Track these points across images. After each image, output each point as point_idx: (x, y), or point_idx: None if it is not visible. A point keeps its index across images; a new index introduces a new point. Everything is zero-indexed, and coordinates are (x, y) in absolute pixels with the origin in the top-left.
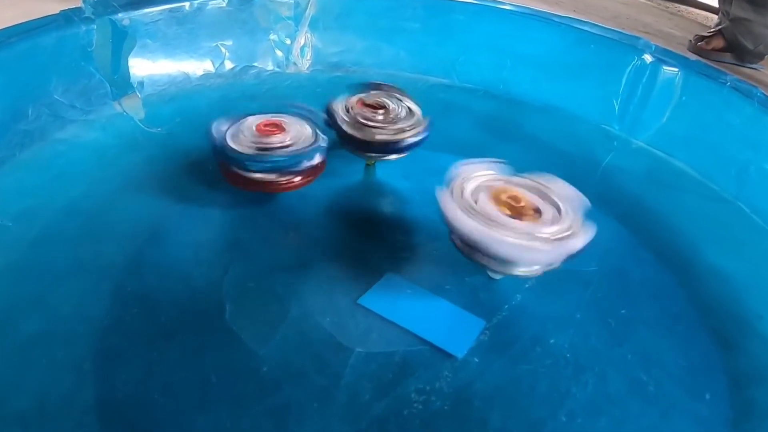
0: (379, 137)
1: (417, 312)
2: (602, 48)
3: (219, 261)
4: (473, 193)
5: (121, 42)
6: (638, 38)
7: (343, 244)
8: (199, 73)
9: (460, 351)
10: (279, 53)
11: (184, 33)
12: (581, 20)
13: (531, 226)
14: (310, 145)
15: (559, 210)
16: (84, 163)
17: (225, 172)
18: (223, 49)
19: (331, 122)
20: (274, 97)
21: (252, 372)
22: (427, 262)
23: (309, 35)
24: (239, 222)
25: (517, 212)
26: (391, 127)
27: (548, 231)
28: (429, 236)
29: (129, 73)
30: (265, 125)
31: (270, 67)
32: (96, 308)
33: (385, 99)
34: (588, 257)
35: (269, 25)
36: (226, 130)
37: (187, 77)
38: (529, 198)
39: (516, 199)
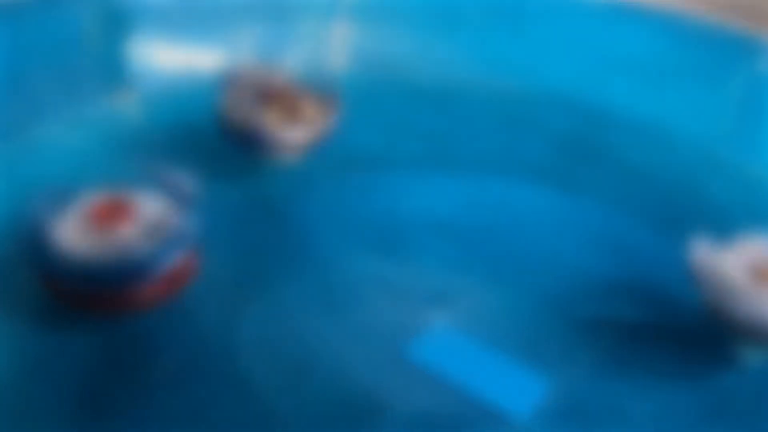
0: None
1: (469, 368)
2: (712, 49)
3: (233, 297)
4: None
5: (116, 26)
6: (757, 37)
7: (387, 284)
8: (210, 67)
9: (518, 415)
10: (308, 47)
11: (194, 18)
12: (683, 15)
13: None
14: (170, 237)
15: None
16: (60, 173)
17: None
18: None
19: None
20: None
21: None
22: (486, 310)
23: (346, 26)
24: (261, 250)
25: None
26: None
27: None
28: (490, 279)
29: (123, 64)
30: (103, 208)
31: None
32: (82, 348)
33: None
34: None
35: (297, 11)
36: (49, 218)
37: (194, 72)
38: None
39: None
